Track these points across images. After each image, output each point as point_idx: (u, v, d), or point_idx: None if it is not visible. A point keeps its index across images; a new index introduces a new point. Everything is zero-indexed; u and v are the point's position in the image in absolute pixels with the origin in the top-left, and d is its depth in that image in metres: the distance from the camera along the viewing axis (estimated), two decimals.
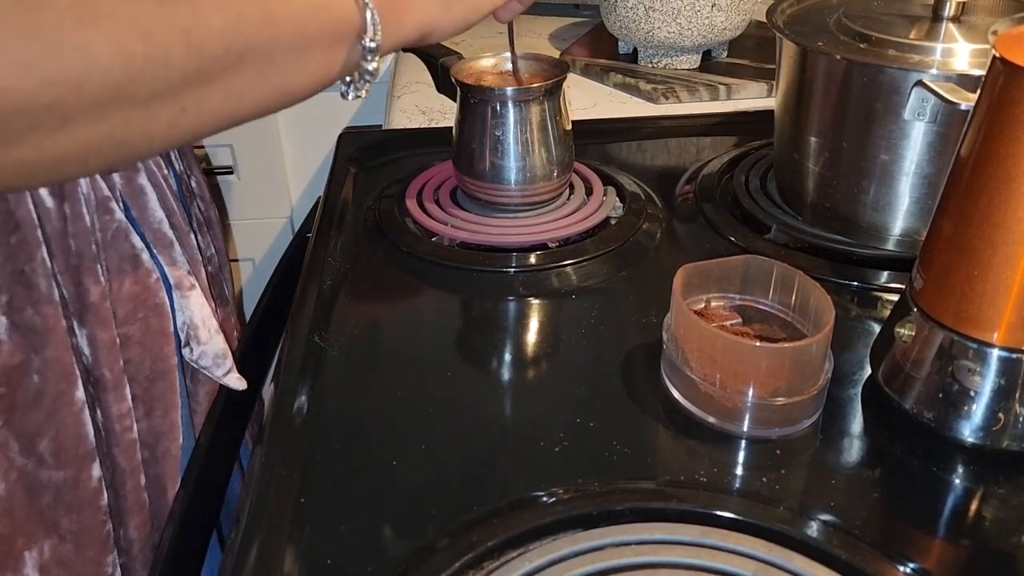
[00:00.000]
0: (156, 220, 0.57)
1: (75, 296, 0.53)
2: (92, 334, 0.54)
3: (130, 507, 0.59)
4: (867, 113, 0.62)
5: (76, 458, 0.54)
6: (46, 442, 0.53)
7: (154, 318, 0.57)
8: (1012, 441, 0.47)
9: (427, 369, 0.57)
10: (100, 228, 0.54)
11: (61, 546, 0.55)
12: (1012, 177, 0.43)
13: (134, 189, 0.56)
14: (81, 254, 0.52)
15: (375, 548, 0.43)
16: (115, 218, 0.54)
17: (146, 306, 0.57)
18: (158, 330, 0.58)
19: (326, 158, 1.25)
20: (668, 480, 0.47)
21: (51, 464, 0.54)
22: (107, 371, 0.55)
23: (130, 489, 0.58)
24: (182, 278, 0.58)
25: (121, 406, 0.56)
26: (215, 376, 0.61)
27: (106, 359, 0.55)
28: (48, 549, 0.55)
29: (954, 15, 0.63)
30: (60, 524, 0.55)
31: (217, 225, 0.73)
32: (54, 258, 0.52)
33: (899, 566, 0.41)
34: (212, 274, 0.69)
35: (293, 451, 0.50)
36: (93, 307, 0.53)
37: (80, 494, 0.55)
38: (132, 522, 0.59)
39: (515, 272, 0.66)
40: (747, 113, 0.95)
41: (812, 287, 0.52)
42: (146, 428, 0.59)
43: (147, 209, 0.57)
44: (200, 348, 0.60)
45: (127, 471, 0.58)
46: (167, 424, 0.60)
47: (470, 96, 0.69)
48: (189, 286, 0.59)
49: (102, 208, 0.54)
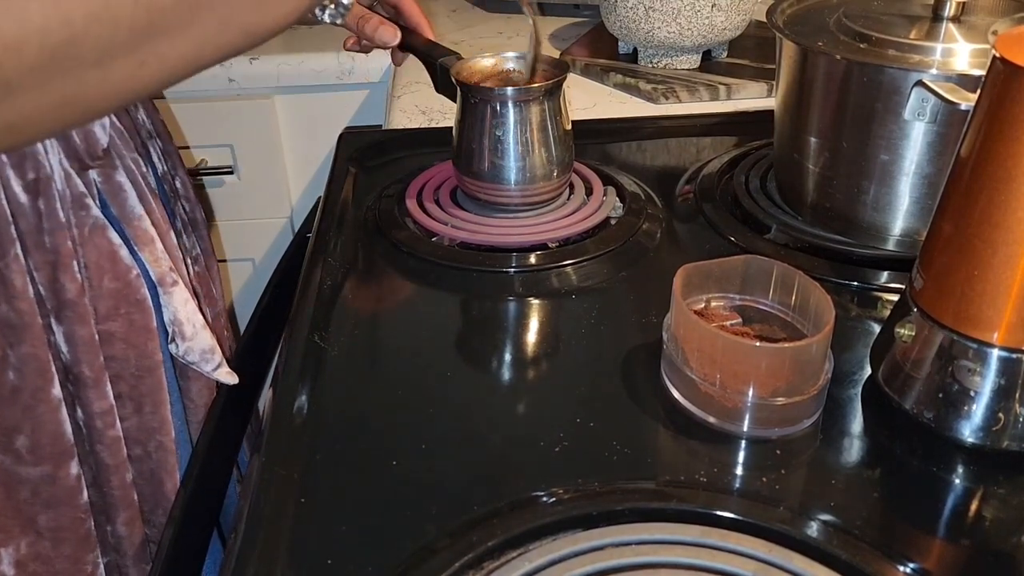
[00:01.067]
0: (136, 217, 0.57)
1: (52, 293, 0.53)
2: (70, 331, 0.54)
3: (116, 503, 0.59)
4: (867, 113, 0.62)
5: (53, 455, 0.54)
6: (23, 438, 0.53)
7: (137, 314, 0.57)
8: (1012, 441, 0.47)
9: (427, 369, 0.57)
10: (76, 224, 0.53)
11: (38, 543, 0.55)
12: (1012, 177, 0.43)
13: (113, 187, 0.56)
14: (57, 250, 0.52)
15: (375, 548, 0.43)
16: (91, 214, 0.54)
17: (128, 302, 0.56)
18: (142, 326, 0.57)
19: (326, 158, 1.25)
20: (668, 480, 0.47)
21: (28, 460, 0.53)
22: (87, 368, 0.55)
23: (116, 485, 0.58)
24: (164, 274, 0.58)
25: (103, 403, 0.56)
26: (204, 371, 0.61)
27: (85, 356, 0.55)
28: (25, 546, 0.55)
29: (954, 15, 0.63)
30: (38, 521, 0.55)
31: (203, 225, 0.73)
32: (29, 255, 0.51)
33: (899, 566, 0.41)
34: (199, 273, 0.69)
35: (293, 451, 0.50)
36: (71, 303, 0.53)
37: (58, 491, 0.55)
38: (119, 518, 0.59)
39: (515, 272, 0.66)
40: (747, 113, 0.95)
41: (812, 287, 0.52)
42: (136, 424, 0.59)
43: (126, 206, 0.57)
44: (186, 344, 0.59)
45: (111, 467, 0.58)
46: (158, 420, 0.60)
47: (470, 96, 0.69)
48: (171, 282, 0.58)
49: (78, 204, 0.53)
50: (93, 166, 0.55)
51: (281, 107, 1.22)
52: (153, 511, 0.62)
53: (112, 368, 0.57)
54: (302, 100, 1.22)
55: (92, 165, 0.55)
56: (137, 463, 0.60)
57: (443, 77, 0.73)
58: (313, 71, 1.18)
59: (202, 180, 1.24)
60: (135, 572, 0.61)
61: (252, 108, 1.20)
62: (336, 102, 1.23)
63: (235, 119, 1.20)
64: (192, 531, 0.59)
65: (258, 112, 1.21)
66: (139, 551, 0.61)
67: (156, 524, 0.62)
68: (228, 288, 1.35)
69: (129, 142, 0.59)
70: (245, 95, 1.19)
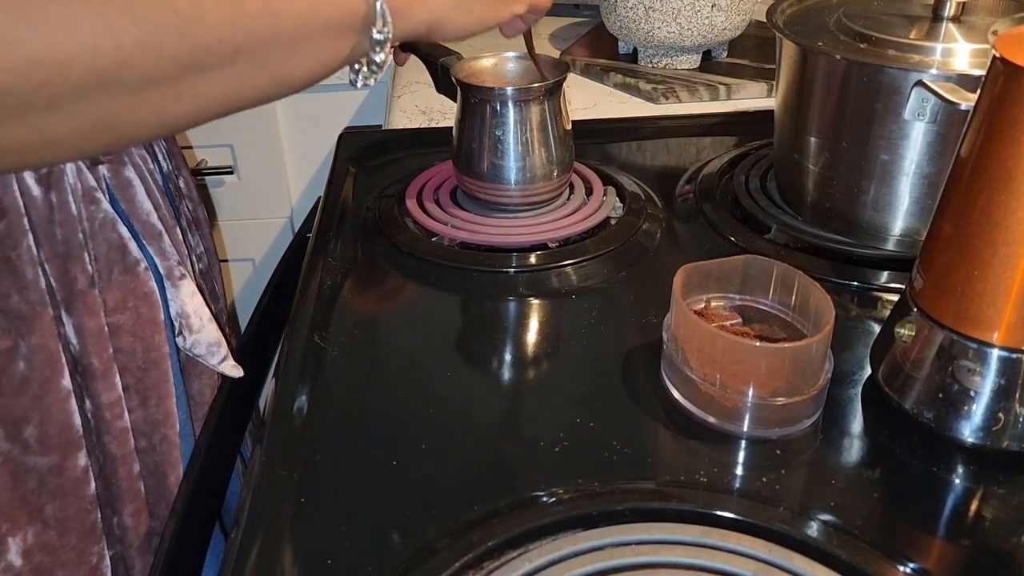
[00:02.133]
0: (144, 212, 0.58)
1: (62, 284, 0.53)
2: (80, 323, 0.54)
3: (123, 495, 0.59)
4: (867, 113, 0.62)
5: (61, 445, 0.54)
6: (31, 428, 0.53)
7: (144, 307, 0.58)
8: (1012, 441, 0.47)
9: (427, 369, 0.57)
10: (87, 218, 0.54)
11: (45, 532, 0.55)
12: (1012, 177, 0.43)
13: (121, 181, 0.57)
14: (68, 243, 0.53)
15: (375, 548, 0.43)
16: (101, 208, 0.55)
17: (136, 295, 0.57)
18: (149, 319, 0.58)
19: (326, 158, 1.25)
20: (668, 480, 0.47)
21: (36, 450, 0.54)
22: (96, 359, 0.55)
23: (123, 477, 0.59)
24: (171, 268, 0.59)
25: (111, 394, 0.57)
26: (211, 364, 0.62)
27: (94, 347, 0.55)
28: (32, 535, 0.55)
29: (954, 15, 0.63)
30: (44, 511, 0.55)
31: (206, 224, 0.73)
32: (40, 246, 0.52)
33: (899, 566, 0.41)
34: (202, 271, 0.69)
35: (293, 451, 0.50)
36: (81, 295, 0.54)
37: (65, 481, 0.55)
38: (126, 510, 0.59)
39: (515, 272, 0.66)
40: (747, 113, 0.95)
41: (812, 287, 0.52)
42: (142, 417, 0.60)
43: (135, 201, 0.57)
44: (193, 337, 0.60)
45: (119, 459, 0.58)
46: (163, 412, 0.60)
47: (470, 96, 0.69)
48: (179, 276, 0.59)
49: (88, 198, 0.54)
50: (104, 161, 0.55)
51: (281, 107, 1.22)
52: (157, 504, 0.62)
53: (119, 360, 0.57)
54: (302, 100, 1.22)
55: (103, 160, 0.55)
56: (142, 456, 0.60)
57: (444, 77, 0.73)
58: None
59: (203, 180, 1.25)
60: (139, 563, 0.62)
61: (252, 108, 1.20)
62: (336, 102, 1.23)
63: (235, 119, 1.19)
64: (194, 524, 0.59)
65: (258, 112, 1.20)
66: (144, 543, 0.61)
67: (159, 516, 0.62)
68: (229, 288, 1.35)
69: None
70: None
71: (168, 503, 0.62)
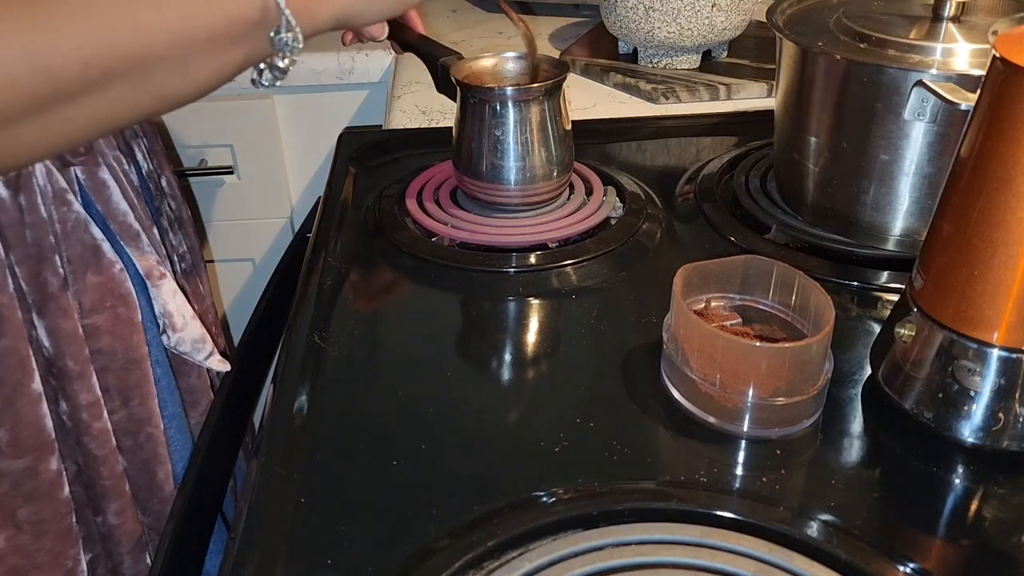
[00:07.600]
0: (121, 212, 0.58)
1: (34, 287, 0.53)
2: (53, 325, 0.54)
3: (107, 494, 0.59)
4: (867, 113, 0.62)
5: (34, 448, 0.54)
6: (3, 432, 0.53)
7: (122, 308, 0.58)
8: (1012, 441, 0.47)
9: (427, 369, 0.57)
10: (58, 220, 0.54)
11: (18, 536, 0.55)
12: (1012, 177, 0.43)
13: (96, 183, 0.57)
14: (38, 245, 0.53)
15: (375, 548, 0.43)
16: (72, 209, 0.54)
17: (113, 296, 0.57)
18: (127, 319, 0.58)
19: (326, 158, 1.25)
20: (668, 480, 0.47)
21: (8, 454, 0.54)
22: (71, 361, 0.55)
23: (106, 476, 0.59)
24: (151, 268, 0.59)
25: (89, 395, 0.56)
26: (197, 361, 0.62)
27: (69, 349, 0.55)
28: (4, 539, 0.55)
29: (954, 15, 0.63)
30: (18, 514, 0.55)
31: (189, 223, 0.73)
32: (10, 249, 0.52)
33: (899, 566, 0.41)
34: (185, 271, 0.69)
35: (293, 451, 0.50)
36: (53, 297, 0.54)
37: (39, 485, 0.55)
38: (110, 509, 0.59)
39: (515, 272, 0.66)
40: (747, 113, 0.95)
41: (812, 287, 0.52)
42: (125, 416, 0.59)
43: (110, 202, 0.57)
44: (177, 335, 0.60)
45: (100, 459, 0.58)
46: (146, 412, 0.60)
47: (470, 96, 0.69)
48: (159, 275, 0.59)
49: (59, 200, 0.54)
50: (75, 163, 0.55)
51: (281, 107, 1.22)
52: (148, 500, 0.62)
53: (99, 361, 0.57)
54: (302, 100, 1.22)
55: (73, 162, 0.55)
56: (129, 454, 0.60)
57: (444, 77, 0.73)
58: (313, 71, 1.18)
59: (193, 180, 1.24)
60: (128, 561, 0.61)
61: (252, 108, 1.20)
62: (336, 102, 1.23)
63: (235, 119, 1.20)
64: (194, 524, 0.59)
65: (258, 112, 1.21)
66: (134, 542, 0.61)
67: (152, 512, 0.62)
68: (228, 288, 1.35)
69: (111, 140, 0.60)
70: (245, 95, 1.19)
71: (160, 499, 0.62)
